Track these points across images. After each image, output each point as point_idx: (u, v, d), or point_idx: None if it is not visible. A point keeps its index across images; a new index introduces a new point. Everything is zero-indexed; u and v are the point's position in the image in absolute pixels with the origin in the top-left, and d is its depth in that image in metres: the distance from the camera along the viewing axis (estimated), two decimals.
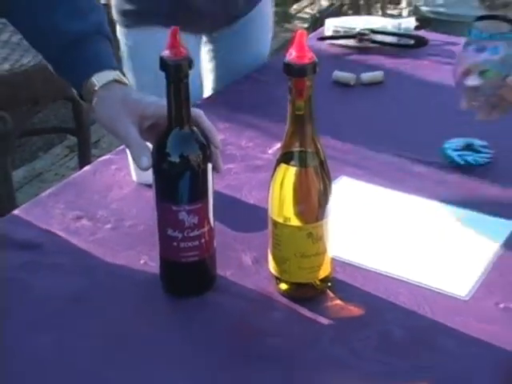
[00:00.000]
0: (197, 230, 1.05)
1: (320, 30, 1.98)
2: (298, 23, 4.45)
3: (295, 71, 0.97)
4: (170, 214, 1.04)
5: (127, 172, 1.36)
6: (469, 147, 1.40)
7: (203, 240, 1.06)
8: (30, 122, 2.54)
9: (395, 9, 4.53)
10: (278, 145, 1.06)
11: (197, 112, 1.07)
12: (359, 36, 1.89)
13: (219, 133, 1.10)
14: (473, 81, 1.29)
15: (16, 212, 1.29)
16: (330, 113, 1.49)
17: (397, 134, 1.52)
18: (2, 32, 2.41)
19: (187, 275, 1.09)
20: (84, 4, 1.24)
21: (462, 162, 1.38)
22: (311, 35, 1.96)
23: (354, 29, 1.90)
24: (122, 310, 1.07)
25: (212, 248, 1.08)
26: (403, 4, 4.28)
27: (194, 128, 1.03)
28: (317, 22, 1.95)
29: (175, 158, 1.02)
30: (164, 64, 1.00)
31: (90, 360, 0.98)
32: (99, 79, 1.14)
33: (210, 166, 1.04)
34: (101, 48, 1.20)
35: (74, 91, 1.21)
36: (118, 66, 1.19)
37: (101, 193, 1.33)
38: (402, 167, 1.40)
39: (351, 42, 1.89)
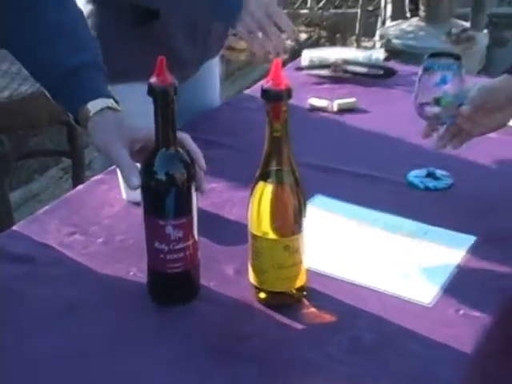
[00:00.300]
0: (182, 243, 1.07)
1: (297, 60, 2.00)
2: None
3: (272, 96, 1.01)
4: (157, 228, 1.07)
5: (118, 191, 1.38)
6: (430, 175, 1.44)
7: (188, 252, 1.08)
8: (27, 145, 2.54)
9: (369, 41, 4.59)
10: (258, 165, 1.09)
11: (183, 135, 1.11)
12: (333, 66, 1.92)
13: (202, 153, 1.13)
14: (430, 109, 1.36)
15: (14, 228, 1.31)
16: (306, 136, 1.53)
17: (368, 156, 1.55)
18: (2, 62, 2.42)
19: (173, 285, 1.11)
20: (82, 37, 1.27)
21: (422, 187, 1.42)
22: (289, 65, 1.99)
23: (329, 59, 1.93)
24: (112, 317, 1.09)
25: (196, 260, 1.10)
26: (376, 37, 4.33)
27: (180, 149, 1.06)
28: (296, 54, 1.98)
29: (162, 176, 1.05)
30: (152, 90, 1.04)
31: (84, 363, 1.00)
32: (94, 106, 1.17)
33: (194, 183, 1.07)
34: (96, 77, 1.23)
35: (70, 116, 1.23)
36: (111, 94, 1.21)
37: (93, 210, 1.35)
38: (372, 187, 1.43)
39: (326, 72, 1.92)
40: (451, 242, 1.25)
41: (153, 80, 1.04)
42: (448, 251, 1.23)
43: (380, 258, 1.22)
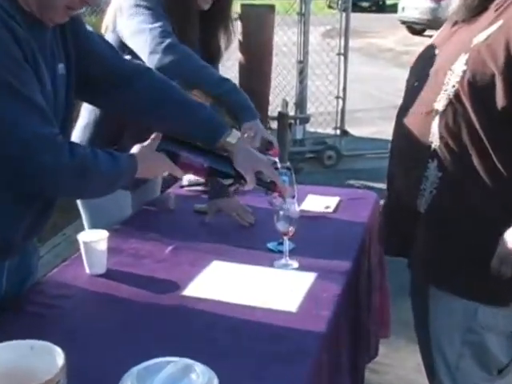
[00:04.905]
0: None
1: (180, 181, 2.29)
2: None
3: None
4: None
5: (81, 269, 1.65)
6: (280, 244, 1.75)
7: None
8: None
9: None
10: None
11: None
12: (204, 184, 2.23)
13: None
14: (275, 200, 1.74)
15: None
16: (197, 226, 1.91)
17: (239, 234, 1.91)
18: None
19: None
20: None
21: (277, 250, 1.79)
22: (175, 185, 2.30)
23: (201, 180, 2.23)
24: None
25: None
26: None
27: None
28: (177, 177, 2.30)
29: None
30: None
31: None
32: None
33: None
34: None
35: None
36: None
37: (70, 281, 1.62)
38: (246, 253, 1.77)
39: (200, 187, 2.25)
40: (298, 277, 1.63)
41: None
42: (294, 287, 1.58)
43: (258, 289, 1.57)
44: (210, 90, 1.78)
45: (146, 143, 1.57)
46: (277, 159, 1.77)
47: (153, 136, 1.59)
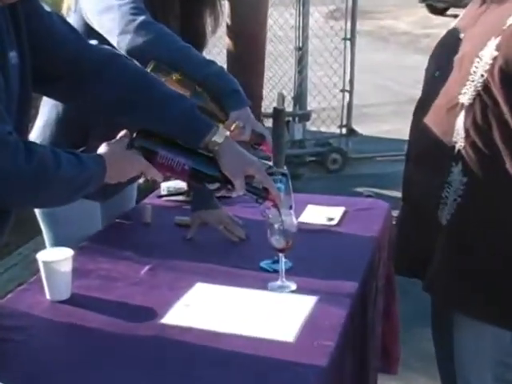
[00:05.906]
0: None
1: (157, 190, 2.34)
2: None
3: None
4: None
5: (40, 295, 1.65)
6: (275, 262, 1.77)
7: None
8: None
9: None
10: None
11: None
12: (186, 193, 2.26)
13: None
14: (269, 211, 1.72)
15: None
16: (176, 246, 1.91)
17: (228, 250, 1.92)
18: None
19: None
20: None
21: (271, 270, 1.80)
22: (152, 195, 2.33)
23: (183, 188, 2.27)
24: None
25: None
26: None
27: None
28: (154, 184, 2.32)
29: None
30: None
31: None
32: None
33: None
34: None
35: None
36: None
37: (28, 308, 1.61)
38: (237, 272, 1.78)
39: (182, 197, 2.26)
40: (298, 301, 1.63)
41: None
42: (295, 309, 1.60)
43: (251, 316, 1.57)
44: (192, 74, 1.78)
45: (114, 140, 1.57)
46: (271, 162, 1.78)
47: (122, 132, 1.59)
